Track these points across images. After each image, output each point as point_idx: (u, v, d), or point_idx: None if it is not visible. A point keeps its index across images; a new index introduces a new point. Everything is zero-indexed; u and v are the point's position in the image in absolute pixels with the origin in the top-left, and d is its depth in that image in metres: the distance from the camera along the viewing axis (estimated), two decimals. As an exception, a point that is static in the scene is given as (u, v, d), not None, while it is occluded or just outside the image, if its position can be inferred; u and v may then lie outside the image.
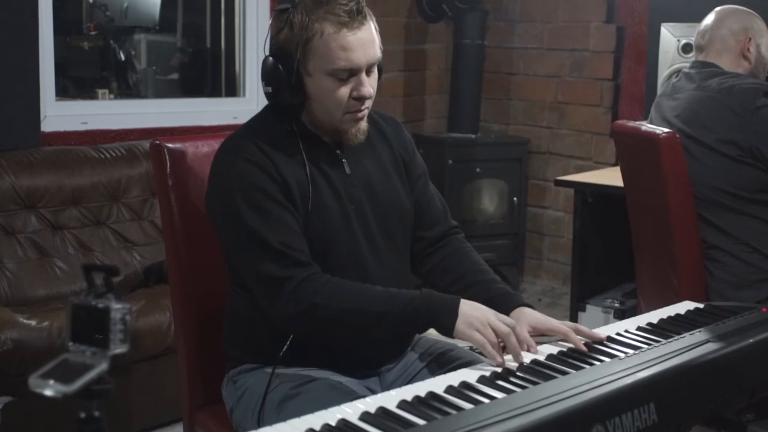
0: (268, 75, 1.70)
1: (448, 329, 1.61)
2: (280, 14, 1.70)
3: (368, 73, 1.70)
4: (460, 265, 1.87)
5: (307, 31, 1.65)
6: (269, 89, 1.71)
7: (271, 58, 1.70)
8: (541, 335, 1.66)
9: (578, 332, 1.63)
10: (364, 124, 1.76)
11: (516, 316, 1.70)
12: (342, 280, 1.66)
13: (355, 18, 1.66)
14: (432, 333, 1.72)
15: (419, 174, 1.91)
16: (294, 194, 1.69)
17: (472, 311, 1.61)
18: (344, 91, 1.68)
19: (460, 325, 1.60)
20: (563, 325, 1.65)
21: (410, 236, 1.89)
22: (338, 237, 1.74)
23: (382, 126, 1.89)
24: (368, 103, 1.72)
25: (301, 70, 1.68)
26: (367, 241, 1.77)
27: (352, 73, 1.68)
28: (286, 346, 1.69)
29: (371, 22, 1.70)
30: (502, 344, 1.57)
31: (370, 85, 1.70)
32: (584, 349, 1.59)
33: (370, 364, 1.81)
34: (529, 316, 1.70)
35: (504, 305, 1.74)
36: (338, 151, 1.79)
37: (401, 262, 1.86)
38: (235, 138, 1.77)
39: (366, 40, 1.68)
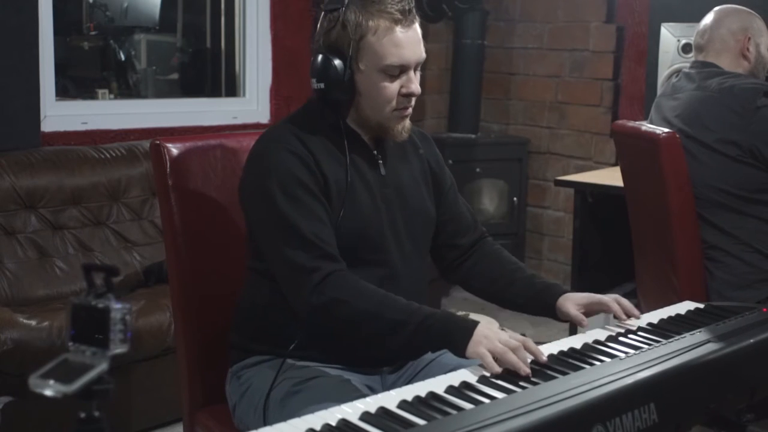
0: (320, 72, 1.73)
1: (460, 349, 1.59)
2: (330, 14, 1.74)
3: (415, 71, 1.75)
4: (495, 266, 1.92)
5: (361, 28, 1.70)
6: (321, 85, 1.74)
7: (322, 56, 1.73)
8: (593, 312, 1.79)
9: (618, 304, 1.76)
10: (408, 122, 1.80)
11: (563, 303, 1.79)
12: (367, 283, 1.67)
13: (407, 17, 1.71)
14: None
15: (449, 185, 1.96)
16: (331, 189, 1.72)
17: (485, 331, 1.58)
18: (394, 87, 1.73)
19: (471, 344, 1.58)
20: (605, 297, 1.78)
21: (430, 244, 1.93)
22: (369, 233, 1.76)
23: (415, 140, 1.93)
24: (413, 101, 1.77)
25: (353, 67, 1.72)
26: (395, 240, 1.80)
27: (403, 69, 1.73)
28: (294, 343, 1.69)
29: (418, 23, 1.76)
30: (530, 359, 1.53)
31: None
32: (625, 318, 1.73)
33: (374, 362, 1.81)
34: (576, 299, 1.79)
35: (549, 298, 1.81)
36: (375, 152, 1.82)
37: (422, 265, 1.89)
38: (277, 129, 1.80)
39: (415, 39, 1.74)
